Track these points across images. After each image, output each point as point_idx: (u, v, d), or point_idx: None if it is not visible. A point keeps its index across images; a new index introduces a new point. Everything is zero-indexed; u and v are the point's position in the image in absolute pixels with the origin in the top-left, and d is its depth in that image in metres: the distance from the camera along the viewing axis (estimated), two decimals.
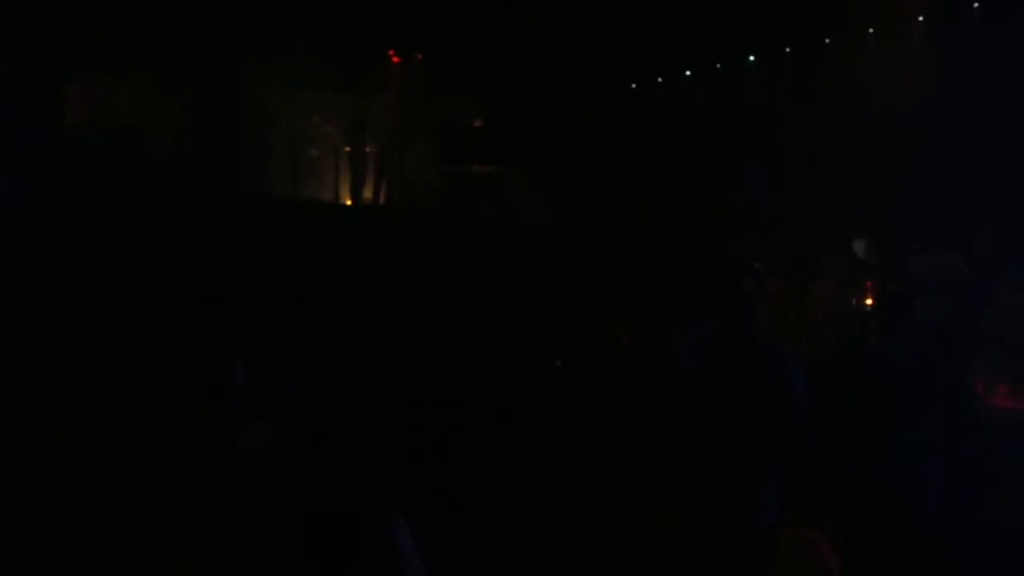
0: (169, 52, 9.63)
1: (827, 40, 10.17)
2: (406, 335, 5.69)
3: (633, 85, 12.57)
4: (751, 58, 11.05)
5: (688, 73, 11.96)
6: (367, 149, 11.81)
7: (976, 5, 8.80)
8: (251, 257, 7.63)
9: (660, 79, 12.34)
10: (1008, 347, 5.77)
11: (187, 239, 7.46)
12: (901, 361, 3.68)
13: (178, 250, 7.16)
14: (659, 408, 3.59)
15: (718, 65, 11.50)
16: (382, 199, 11.95)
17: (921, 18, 9.24)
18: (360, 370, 4.67)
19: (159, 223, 7.33)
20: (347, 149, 11.61)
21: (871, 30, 9.72)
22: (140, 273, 6.33)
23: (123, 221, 6.96)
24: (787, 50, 10.59)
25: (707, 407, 3.13)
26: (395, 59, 12.08)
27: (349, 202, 11.60)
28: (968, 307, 4.62)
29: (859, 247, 8.76)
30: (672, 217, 11.16)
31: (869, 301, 7.99)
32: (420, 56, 11.96)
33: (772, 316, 7.42)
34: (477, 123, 11.99)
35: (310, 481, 2.29)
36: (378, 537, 1.98)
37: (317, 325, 5.78)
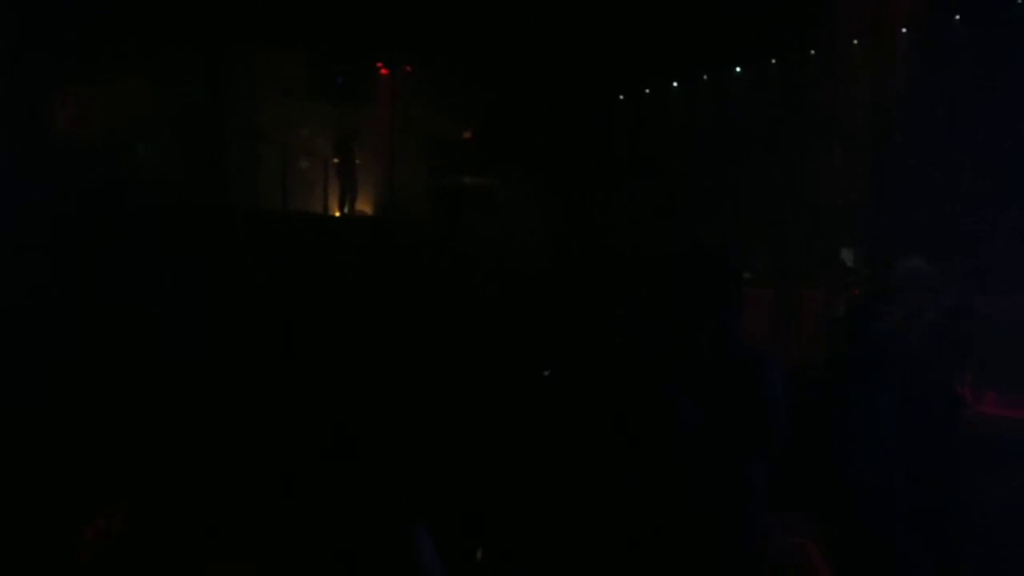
0: (159, 64, 9.63)
1: (812, 51, 10.29)
2: (399, 345, 5.70)
3: (621, 96, 12.66)
4: (737, 69, 11.16)
5: (675, 84, 12.06)
6: (356, 161, 11.84)
7: (957, 17, 8.93)
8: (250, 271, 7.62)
9: (648, 90, 12.43)
10: (996, 355, 5.82)
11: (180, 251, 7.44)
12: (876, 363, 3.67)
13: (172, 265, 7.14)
14: (643, 413, 3.58)
15: (705, 76, 11.60)
16: (372, 211, 11.97)
17: (904, 30, 9.37)
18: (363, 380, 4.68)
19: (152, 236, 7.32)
20: (335, 161, 11.63)
21: (855, 41, 9.84)
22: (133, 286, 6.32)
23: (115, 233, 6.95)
24: (773, 61, 10.71)
25: (685, 413, 3.12)
26: (384, 71, 12.12)
27: (338, 214, 11.61)
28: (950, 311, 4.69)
29: (847, 255, 8.84)
30: (662, 224, 11.22)
31: None
32: (409, 68, 12.01)
33: (762, 323, 7.47)
34: (467, 135, 12.04)
35: (330, 491, 2.28)
36: (399, 548, 1.96)
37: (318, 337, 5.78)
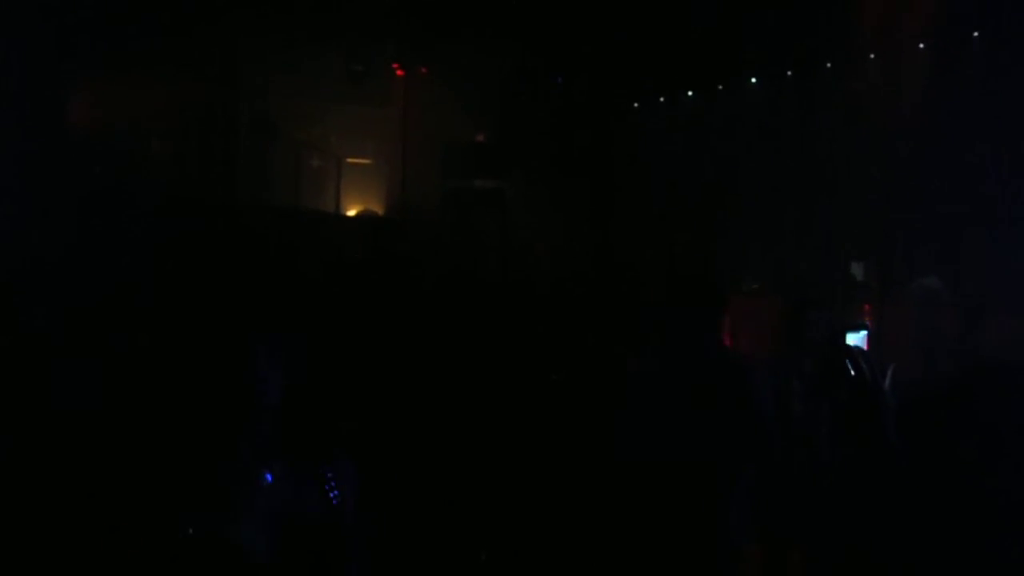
0: (174, 60, 9.68)
1: (828, 64, 10.27)
2: (405, 344, 5.70)
3: (635, 104, 12.65)
4: (752, 80, 11.14)
5: (690, 93, 12.04)
6: (369, 161, 11.90)
7: (976, 34, 8.89)
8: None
9: (662, 98, 12.42)
10: None
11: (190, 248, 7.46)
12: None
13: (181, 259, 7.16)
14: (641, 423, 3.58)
15: (720, 86, 11.59)
16: (383, 211, 12.01)
17: (921, 45, 9.34)
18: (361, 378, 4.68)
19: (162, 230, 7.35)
20: (349, 160, 11.68)
21: (872, 55, 9.82)
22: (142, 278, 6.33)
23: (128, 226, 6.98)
24: (788, 73, 10.68)
25: (677, 422, 3.14)
26: (399, 72, 12.15)
27: (352, 213, 11.66)
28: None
29: (857, 269, 8.81)
30: (671, 234, 11.21)
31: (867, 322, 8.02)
32: (424, 70, 12.04)
33: (771, 333, 7.44)
34: (480, 137, 12.07)
35: None
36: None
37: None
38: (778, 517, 3.95)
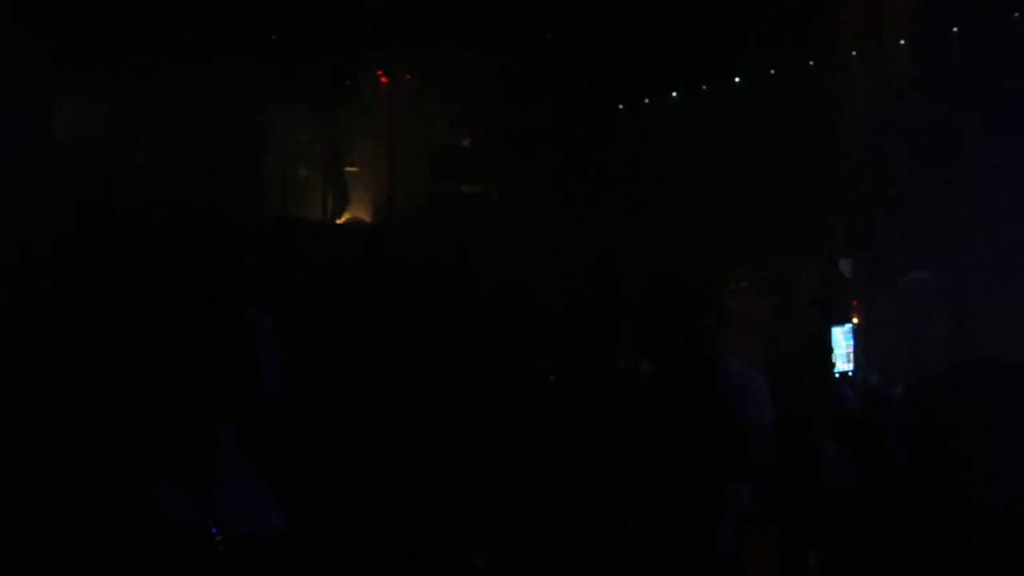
0: (159, 70, 9.66)
1: (811, 62, 10.34)
2: (396, 350, 5.69)
3: (620, 106, 12.69)
4: (736, 79, 11.20)
5: (674, 94, 12.09)
6: (354, 169, 11.89)
7: (955, 30, 8.98)
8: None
9: (647, 100, 12.46)
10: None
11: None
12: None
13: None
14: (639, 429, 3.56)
15: (704, 86, 11.64)
16: (370, 218, 12.00)
17: (903, 41, 9.42)
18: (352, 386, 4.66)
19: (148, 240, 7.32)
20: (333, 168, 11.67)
21: (854, 53, 9.89)
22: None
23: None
24: (772, 72, 10.75)
25: (672, 430, 3.10)
26: (384, 79, 12.15)
27: (339, 221, 11.63)
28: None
29: (845, 266, 8.83)
30: (658, 234, 11.23)
31: (855, 319, 8.04)
32: (409, 76, 12.04)
33: (760, 332, 7.45)
34: (466, 143, 12.08)
35: None
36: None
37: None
38: (785, 518, 3.95)
